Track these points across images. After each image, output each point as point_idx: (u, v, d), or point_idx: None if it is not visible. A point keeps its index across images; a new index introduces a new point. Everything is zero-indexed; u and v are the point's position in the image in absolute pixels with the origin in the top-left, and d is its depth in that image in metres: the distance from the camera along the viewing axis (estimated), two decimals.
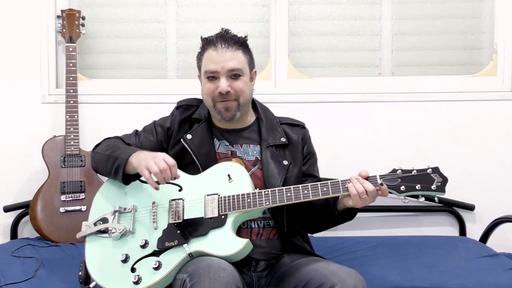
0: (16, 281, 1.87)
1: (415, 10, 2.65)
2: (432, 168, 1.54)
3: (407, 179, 1.53)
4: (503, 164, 2.58)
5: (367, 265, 2.04)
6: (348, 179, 1.55)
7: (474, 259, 2.12)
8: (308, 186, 1.56)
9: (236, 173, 1.62)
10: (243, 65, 1.70)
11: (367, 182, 1.53)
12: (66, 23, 2.48)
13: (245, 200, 1.57)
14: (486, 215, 2.53)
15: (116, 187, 1.71)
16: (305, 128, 1.86)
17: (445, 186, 1.52)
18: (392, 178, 1.54)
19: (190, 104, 1.83)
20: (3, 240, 2.51)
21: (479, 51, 2.67)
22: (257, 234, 1.69)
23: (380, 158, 2.57)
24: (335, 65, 2.68)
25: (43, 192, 2.37)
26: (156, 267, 1.51)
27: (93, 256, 1.61)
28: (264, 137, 1.75)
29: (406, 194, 1.53)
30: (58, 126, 2.49)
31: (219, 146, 1.75)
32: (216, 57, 1.67)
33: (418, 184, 1.51)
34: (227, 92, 1.66)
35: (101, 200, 1.71)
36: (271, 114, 1.84)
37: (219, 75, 1.67)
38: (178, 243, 1.53)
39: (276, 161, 1.71)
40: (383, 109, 2.58)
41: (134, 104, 2.53)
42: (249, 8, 2.65)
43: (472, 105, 2.58)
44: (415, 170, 1.53)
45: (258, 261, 1.68)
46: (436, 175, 1.53)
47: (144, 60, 2.68)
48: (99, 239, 1.63)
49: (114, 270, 1.56)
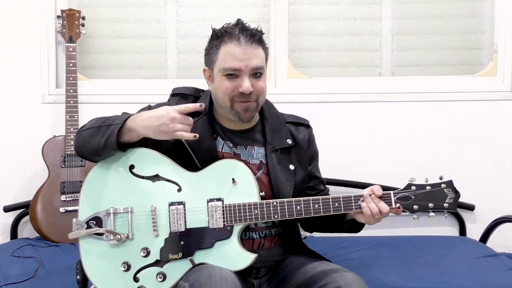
0: (16, 281, 1.87)
1: (415, 10, 2.65)
2: (446, 183, 1.50)
3: (420, 197, 1.49)
4: (503, 164, 2.58)
5: (367, 265, 2.04)
6: (361, 195, 1.49)
7: (474, 259, 2.12)
8: (319, 200, 1.49)
9: (241, 176, 1.51)
10: (264, 62, 1.57)
11: (381, 202, 1.48)
12: (66, 23, 2.48)
13: (252, 211, 1.49)
14: (486, 215, 2.53)
15: (106, 178, 1.56)
16: (310, 127, 1.77)
17: (456, 203, 1.50)
18: (405, 196, 1.50)
19: (187, 93, 1.68)
20: (3, 240, 2.52)
21: (479, 51, 2.67)
22: (259, 244, 1.62)
23: (380, 158, 2.57)
24: (335, 65, 2.68)
25: (43, 192, 2.37)
26: (162, 280, 1.46)
27: (90, 260, 1.53)
28: (269, 140, 1.64)
29: (418, 213, 1.50)
30: (58, 126, 2.50)
31: (223, 146, 1.63)
32: (239, 53, 1.50)
33: (431, 202, 1.49)
34: (250, 92, 1.53)
35: (90, 193, 1.56)
36: (275, 110, 1.73)
37: (241, 73, 1.51)
38: (183, 256, 1.47)
39: (283, 166, 1.62)
40: (383, 109, 2.58)
41: (134, 104, 2.50)
42: (249, 8, 2.65)
43: (472, 105, 2.58)
44: (429, 186, 1.50)
45: (259, 269, 1.63)
46: (449, 190, 1.49)
47: (144, 60, 2.68)
48: (95, 241, 1.52)
49: (115, 278, 1.50)
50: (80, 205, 1.56)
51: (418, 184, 1.50)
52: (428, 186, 1.50)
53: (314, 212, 1.50)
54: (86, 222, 1.53)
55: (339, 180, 2.47)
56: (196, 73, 2.63)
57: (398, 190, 1.51)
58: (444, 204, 1.49)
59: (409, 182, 1.51)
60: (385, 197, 1.49)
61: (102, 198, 1.55)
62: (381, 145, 2.58)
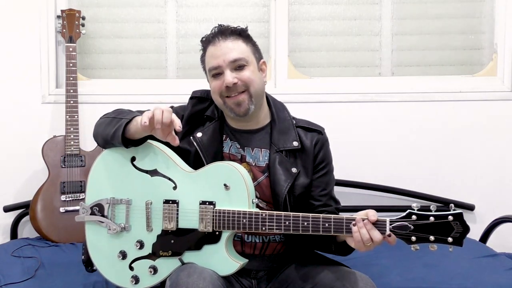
0: (16, 281, 1.87)
1: (415, 10, 2.65)
2: (454, 215, 1.31)
3: (421, 228, 1.33)
4: (503, 164, 2.58)
5: (367, 265, 2.04)
6: (353, 218, 1.38)
7: (474, 259, 2.12)
8: (309, 218, 1.42)
9: (234, 181, 1.49)
10: (246, 54, 1.59)
11: (375, 230, 1.35)
12: (66, 23, 2.47)
13: (241, 220, 1.46)
14: (486, 215, 2.53)
15: (110, 166, 1.62)
16: (322, 134, 1.70)
17: (463, 238, 1.31)
18: (403, 225, 1.34)
19: (205, 97, 1.69)
20: (3, 240, 2.52)
21: (479, 51, 2.67)
22: (261, 248, 1.61)
23: (379, 158, 2.57)
24: (335, 65, 2.68)
25: (43, 192, 2.37)
26: (153, 273, 1.53)
27: (93, 243, 1.62)
28: (274, 141, 1.62)
29: (416, 244, 1.35)
30: (58, 126, 2.50)
31: (230, 147, 1.64)
32: (215, 51, 1.57)
33: (432, 235, 1.32)
34: (234, 84, 1.55)
35: (96, 179, 1.64)
36: (286, 113, 1.70)
37: (222, 69, 1.56)
38: (172, 254, 1.51)
39: (283, 167, 1.59)
40: (383, 109, 2.58)
41: (134, 104, 2.49)
42: (249, 8, 2.65)
43: (472, 105, 2.58)
44: (432, 217, 1.32)
45: (258, 271, 1.63)
46: (456, 223, 1.31)
47: (144, 60, 2.68)
48: (97, 227, 1.61)
49: (113, 264, 1.58)
50: (87, 190, 1.65)
51: (419, 214, 1.34)
52: (432, 217, 1.32)
53: (302, 230, 1.42)
54: (91, 208, 1.62)
55: (339, 180, 2.46)
56: (196, 73, 2.62)
57: (396, 218, 1.36)
58: (449, 238, 1.31)
59: (410, 211, 1.35)
60: (379, 224, 1.36)
61: (106, 185, 1.62)
62: (381, 145, 2.58)
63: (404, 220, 1.35)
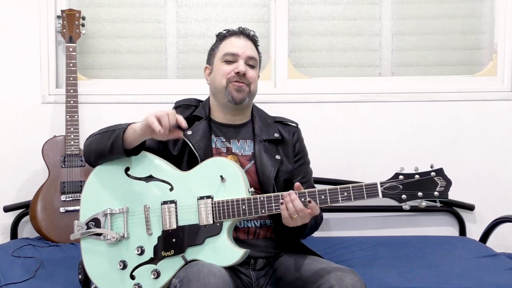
0: (16, 281, 1.87)
1: (415, 10, 2.65)
2: (436, 171, 1.45)
3: (409, 186, 1.45)
4: (503, 164, 2.58)
5: (367, 265, 2.04)
6: (285, 193, 1.50)
7: (474, 259, 2.12)
8: (305, 194, 1.50)
9: (229, 172, 1.56)
10: (257, 59, 1.80)
11: (297, 200, 1.47)
12: (66, 23, 2.48)
13: (240, 207, 1.52)
14: (486, 215, 2.53)
15: (103, 181, 1.65)
16: (297, 127, 1.89)
17: (448, 191, 1.44)
18: (393, 186, 1.45)
19: (189, 104, 1.83)
20: (3, 240, 2.52)
21: (479, 51, 2.67)
22: (254, 233, 1.70)
23: (380, 158, 2.57)
24: (335, 65, 2.68)
25: (43, 192, 2.37)
26: (156, 277, 1.52)
27: (90, 259, 1.61)
28: (257, 132, 1.77)
29: (407, 203, 1.45)
30: (58, 126, 2.50)
31: (216, 142, 1.75)
32: (238, 42, 1.76)
33: (420, 191, 1.44)
34: (244, 74, 1.71)
35: (90, 195, 1.65)
36: (265, 113, 1.89)
37: (238, 58, 1.73)
38: (175, 253, 1.53)
39: (269, 155, 1.73)
40: (383, 109, 2.58)
41: (134, 104, 2.53)
42: (249, 8, 2.65)
43: (472, 105, 2.58)
44: (417, 175, 1.45)
45: (256, 259, 1.68)
46: (439, 178, 1.45)
47: (144, 60, 2.68)
48: (94, 241, 1.61)
49: (113, 276, 1.57)
50: (81, 207, 1.66)
51: (406, 174, 1.46)
52: (417, 175, 1.45)
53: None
54: (86, 224, 1.63)
55: (339, 180, 2.47)
56: (196, 73, 2.63)
57: (385, 180, 1.47)
58: (435, 192, 1.44)
59: (397, 172, 1.47)
60: (371, 187, 1.47)
61: (101, 200, 1.64)
62: (381, 145, 2.58)
63: (392, 181, 1.46)
